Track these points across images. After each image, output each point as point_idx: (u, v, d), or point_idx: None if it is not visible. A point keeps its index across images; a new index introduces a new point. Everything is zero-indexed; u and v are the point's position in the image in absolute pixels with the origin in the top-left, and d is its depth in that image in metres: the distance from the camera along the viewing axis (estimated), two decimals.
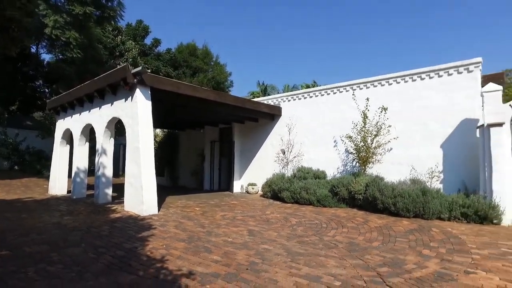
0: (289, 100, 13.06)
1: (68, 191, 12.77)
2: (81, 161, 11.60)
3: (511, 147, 7.20)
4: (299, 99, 12.73)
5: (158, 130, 18.73)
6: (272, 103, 13.46)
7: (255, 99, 14.56)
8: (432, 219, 7.48)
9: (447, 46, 67.99)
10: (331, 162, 11.40)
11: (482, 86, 8.03)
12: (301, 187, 10.14)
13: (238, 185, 14.30)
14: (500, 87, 7.44)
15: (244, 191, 13.94)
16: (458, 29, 68.67)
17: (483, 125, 7.62)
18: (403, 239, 5.82)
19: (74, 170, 11.55)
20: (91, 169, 13.86)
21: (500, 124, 7.19)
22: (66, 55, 17.86)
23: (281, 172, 12.53)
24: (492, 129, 7.27)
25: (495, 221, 6.93)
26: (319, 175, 11.11)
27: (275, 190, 11.12)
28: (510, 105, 7.23)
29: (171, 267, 4.31)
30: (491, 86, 7.50)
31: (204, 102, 10.12)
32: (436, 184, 8.92)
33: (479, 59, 8.61)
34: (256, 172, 13.84)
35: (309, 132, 12.21)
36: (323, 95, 12.01)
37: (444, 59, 64.20)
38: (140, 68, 8.22)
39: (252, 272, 4.12)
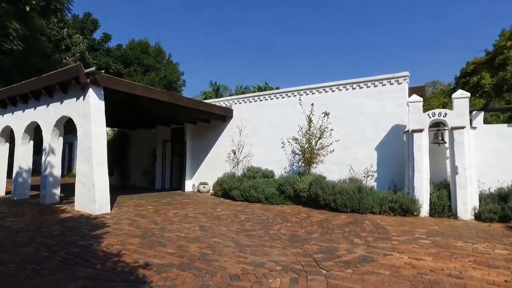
0: (240, 103, 13.62)
1: (7, 192, 12.17)
2: (24, 160, 11.16)
3: (428, 149, 8.40)
4: (250, 102, 13.35)
5: (108, 129, 18.32)
6: (224, 105, 13.93)
7: (208, 101, 14.94)
8: (366, 213, 8.43)
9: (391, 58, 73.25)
10: (279, 162, 12.16)
11: (409, 96, 9.19)
12: (251, 186, 10.74)
13: (189, 185, 14.58)
14: (421, 99, 8.65)
15: (196, 190, 14.25)
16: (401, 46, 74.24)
17: (408, 130, 8.77)
18: (339, 231, 6.60)
19: (15, 169, 11.06)
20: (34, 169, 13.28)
21: (420, 130, 8.36)
22: (4, 46, 16.76)
23: (232, 171, 13.06)
24: (414, 134, 8.41)
25: (415, 213, 8.04)
26: (267, 175, 11.81)
27: (226, 189, 11.61)
28: (428, 114, 8.43)
29: (128, 260, 4.62)
30: (414, 97, 8.68)
31: (159, 103, 10.30)
32: (371, 182, 10.00)
33: (407, 72, 9.83)
34: (207, 171, 14.22)
35: (258, 134, 12.87)
36: (272, 99, 12.73)
37: (387, 69, 69.24)
38: (93, 68, 8.23)
39: (204, 262, 4.58)
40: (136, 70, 27.21)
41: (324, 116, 10.77)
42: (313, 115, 10.95)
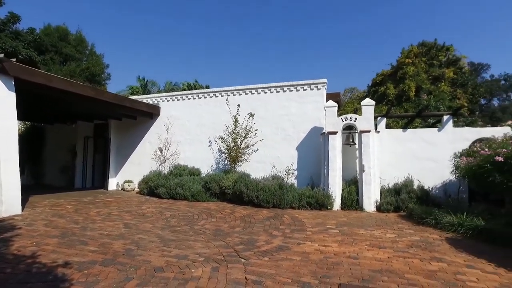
0: (168, 100, 13.51)
1: None
2: None
3: (341, 150, 9.41)
4: (178, 100, 13.32)
5: (18, 123, 16.55)
6: (151, 102, 13.67)
7: (135, 97, 14.45)
8: (286, 208, 9.11)
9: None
10: (205, 160, 12.38)
11: (327, 101, 10.13)
12: (177, 183, 10.79)
13: (113, 183, 14.00)
14: (336, 104, 9.65)
15: (120, 189, 13.75)
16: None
17: (324, 132, 9.70)
18: (260, 225, 7.10)
19: None
20: None
21: (335, 133, 9.32)
22: None
23: (158, 169, 12.91)
24: (329, 136, 9.34)
25: (329, 207, 8.95)
26: (194, 172, 11.97)
27: (152, 187, 11.47)
28: (341, 118, 9.44)
29: (45, 260, 4.47)
30: (330, 102, 9.64)
31: (80, 97, 9.76)
32: (291, 179, 10.78)
33: (325, 80, 10.83)
34: (133, 169, 13.82)
35: (186, 132, 12.93)
36: (200, 98, 12.90)
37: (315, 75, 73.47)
38: (1, 55, 7.53)
39: (128, 257, 4.66)
40: (53, 58, 24.76)
41: (249, 117, 11.31)
42: (239, 115, 11.41)
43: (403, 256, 4.82)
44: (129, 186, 13.31)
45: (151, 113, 13.39)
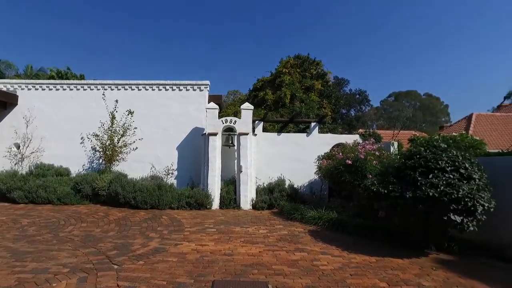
0: (29, 89, 11.64)
1: None
2: None
3: (221, 151, 9.76)
4: (44, 89, 11.61)
5: None
6: (5, 89, 11.55)
7: None
8: (165, 209, 8.95)
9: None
10: (76, 159, 11.13)
11: (209, 103, 10.33)
12: (39, 185, 9.42)
13: None
14: (217, 106, 9.98)
15: None
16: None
17: (205, 133, 9.89)
18: (136, 227, 6.82)
19: None
20: None
21: (215, 134, 9.61)
22: None
23: (14, 169, 11.02)
24: (210, 137, 9.58)
25: (208, 207, 9.17)
26: (62, 172, 10.63)
27: (3, 190, 9.68)
28: (222, 120, 9.80)
29: None
30: (212, 104, 9.90)
31: None
32: (171, 179, 10.63)
33: (208, 82, 11.05)
34: None
35: (53, 127, 11.36)
36: (72, 89, 11.53)
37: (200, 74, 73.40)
38: None
39: None
40: None
41: (128, 114, 10.69)
42: (117, 111, 10.66)
43: (272, 249, 5.34)
44: None
45: (5, 102, 11.30)
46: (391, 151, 9.02)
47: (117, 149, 10.42)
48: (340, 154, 8.26)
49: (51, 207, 9.05)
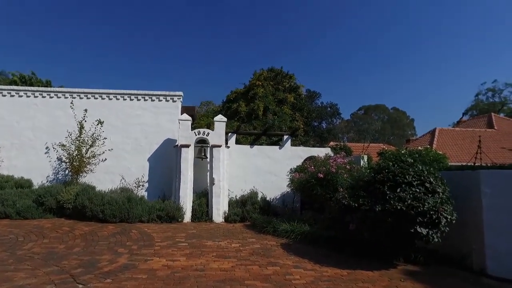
0: None
1: None
2: None
3: (193, 163, 9.66)
4: (4, 95, 11.00)
5: None
6: None
7: None
8: (135, 222, 8.69)
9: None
10: (40, 170, 10.59)
11: (182, 114, 10.24)
12: None
13: None
14: (190, 118, 9.92)
15: None
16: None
17: (178, 145, 9.77)
18: (104, 242, 6.56)
19: None
20: None
21: (187, 146, 9.52)
22: None
23: None
24: (182, 149, 9.48)
25: (179, 220, 8.99)
26: (23, 184, 10.06)
27: None
28: (195, 132, 9.74)
29: None
30: (185, 116, 9.83)
31: None
32: (141, 192, 10.36)
33: (181, 92, 10.97)
34: None
35: (13, 135, 10.74)
36: (37, 96, 11.04)
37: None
38: None
39: None
40: None
41: (98, 124, 10.36)
42: (85, 121, 10.31)
43: (245, 264, 5.30)
44: None
45: None
46: (361, 164, 9.27)
47: (85, 160, 10.05)
48: (312, 167, 8.40)
49: (8, 222, 8.50)
